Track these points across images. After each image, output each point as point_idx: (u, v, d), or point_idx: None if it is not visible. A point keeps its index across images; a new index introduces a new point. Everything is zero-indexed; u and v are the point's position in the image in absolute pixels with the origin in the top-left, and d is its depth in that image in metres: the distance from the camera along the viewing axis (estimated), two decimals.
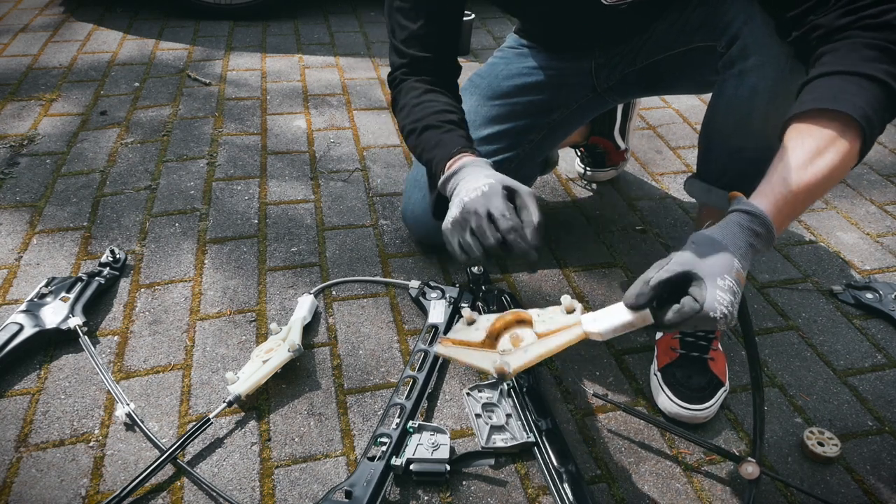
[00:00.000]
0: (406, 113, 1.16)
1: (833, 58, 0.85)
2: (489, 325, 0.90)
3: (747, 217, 0.80)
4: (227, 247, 1.46)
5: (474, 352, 0.88)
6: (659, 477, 1.04)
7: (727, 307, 0.73)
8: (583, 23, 1.25)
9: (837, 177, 0.83)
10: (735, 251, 0.77)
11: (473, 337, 0.90)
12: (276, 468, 1.02)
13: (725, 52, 1.08)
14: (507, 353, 0.84)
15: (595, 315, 0.80)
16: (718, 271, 0.75)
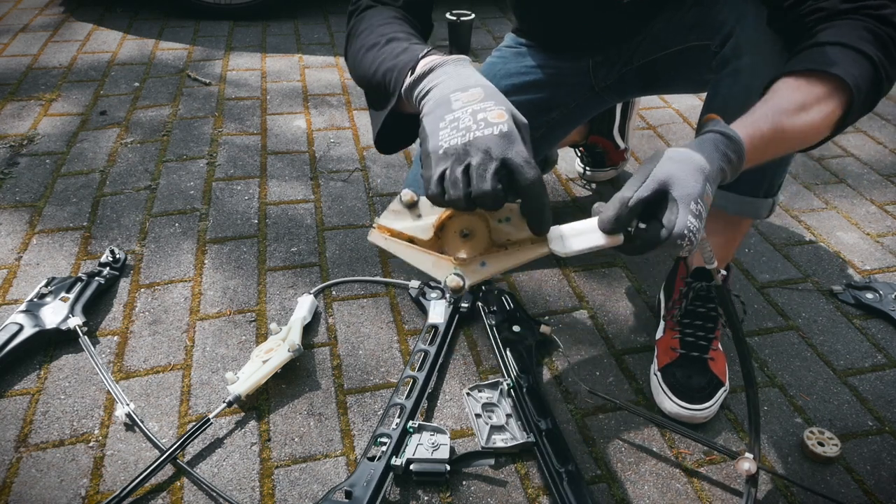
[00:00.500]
0: (366, 35, 0.93)
1: (831, 31, 0.87)
2: (435, 216, 0.74)
3: (724, 140, 0.75)
4: (227, 247, 1.46)
5: (421, 253, 0.73)
6: (659, 477, 1.04)
7: (694, 233, 0.70)
8: (580, 22, 1.25)
9: (812, 136, 0.83)
10: (709, 174, 0.72)
11: (419, 231, 0.73)
12: (276, 468, 1.02)
13: (719, 52, 1.08)
14: (462, 262, 0.72)
15: (562, 230, 0.71)
16: (692, 194, 0.70)
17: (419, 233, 0.73)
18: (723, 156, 0.75)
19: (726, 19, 1.07)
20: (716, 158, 0.74)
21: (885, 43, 0.85)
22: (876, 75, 0.84)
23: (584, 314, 1.34)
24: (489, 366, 1.21)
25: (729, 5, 1.07)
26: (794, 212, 1.68)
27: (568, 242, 0.70)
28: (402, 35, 0.90)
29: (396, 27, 0.92)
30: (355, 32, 0.97)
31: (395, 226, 0.74)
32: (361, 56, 0.92)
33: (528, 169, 0.72)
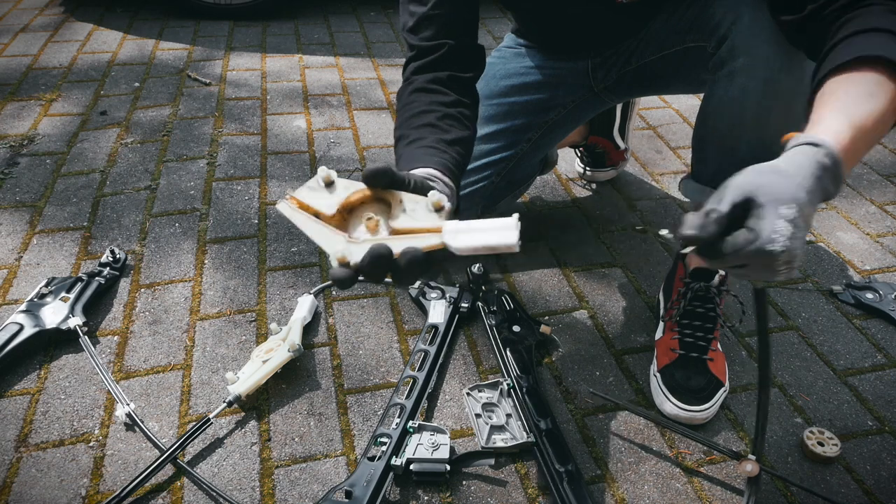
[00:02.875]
0: (396, 119, 1.05)
1: (862, 20, 0.79)
2: (347, 194, 0.74)
3: (811, 147, 0.66)
4: (227, 247, 1.46)
5: (321, 226, 0.72)
6: (659, 477, 1.04)
7: (789, 239, 0.61)
8: (577, 24, 1.25)
9: (890, 121, 0.73)
10: (802, 181, 0.64)
11: (325, 206, 0.74)
12: (276, 468, 1.02)
13: (715, 53, 1.08)
14: (356, 241, 0.71)
15: (458, 226, 0.69)
16: (782, 198, 0.62)
17: (325, 208, 0.73)
18: (815, 164, 0.66)
19: (722, 21, 1.07)
20: (806, 167, 0.65)
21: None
22: None
23: (584, 314, 1.34)
24: (489, 366, 1.21)
25: (725, 7, 1.07)
26: None
27: (462, 238, 0.68)
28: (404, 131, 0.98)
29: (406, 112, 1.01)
30: (397, 109, 1.05)
31: (306, 199, 0.74)
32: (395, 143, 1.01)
33: None
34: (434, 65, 1.05)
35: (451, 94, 1.03)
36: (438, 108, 1.01)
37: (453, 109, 1.02)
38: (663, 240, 0.68)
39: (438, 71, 1.05)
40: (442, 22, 1.05)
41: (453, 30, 1.06)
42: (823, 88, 0.75)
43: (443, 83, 1.04)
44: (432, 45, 1.05)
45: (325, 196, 0.75)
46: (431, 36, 1.05)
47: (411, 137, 0.96)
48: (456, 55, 1.06)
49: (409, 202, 0.73)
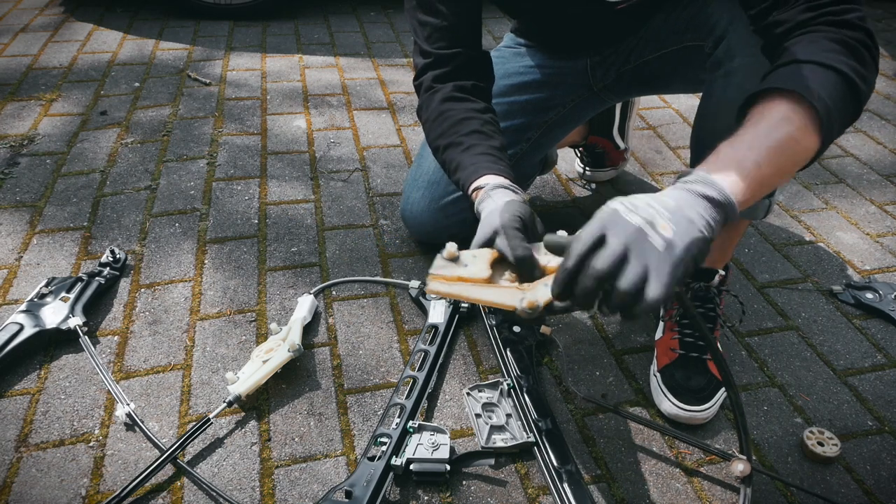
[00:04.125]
0: (428, 128, 1.11)
1: (796, 49, 0.83)
2: (487, 258, 0.80)
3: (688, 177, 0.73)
4: (227, 247, 1.46)
5: (486, 288, 0.77)
6: (659, 477, 1.04)
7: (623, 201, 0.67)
8: (578, 23, 1.25)
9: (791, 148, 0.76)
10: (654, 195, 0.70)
11: (475, 273, 0.78)
12: (276, 468, 1.02)
13: (712, 53, 1.08)
14: (525, 287, 0.76)
15: None
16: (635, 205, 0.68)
17: (477, 273, 0.78)
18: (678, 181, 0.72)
19: (719, 21, 1.07)
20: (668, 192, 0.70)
21: (853, 49, 0.81)
22: (848, 83, 0.79)
23: (584, 314, 1.34)
24: (489, 366, 1.21)
25: (722, 7, 1.07)
26: (793, 212, 1.68)
27: None
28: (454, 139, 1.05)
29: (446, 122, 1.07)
30: (421, 120, 1.13)
31: (453, 273, 0.79)
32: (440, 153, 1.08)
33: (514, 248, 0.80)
34: (455, 74, 1.11)
35: (479, 101, 1.10)
36: (477, 115, 1.07)
37: (487, 115, 1.09)
38: None
39: (461, 80, 1.10)
40: (456, 32, 1.10)
41: (466, 40, 1.12)
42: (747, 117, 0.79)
43: (469, 91, 1.10)
44: (451, 54, 1.10)
45: (462, 267, 0.80)
46: (447, 45, 1.10)
47: (465, 144, 1.03)
48: (472, 64, 1.13)
49: (535, 248, 0.80)
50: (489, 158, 1.01)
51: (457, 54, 1.11)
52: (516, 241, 0.78)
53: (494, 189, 0.94)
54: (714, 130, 1.12)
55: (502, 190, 0.94)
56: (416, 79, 1.15)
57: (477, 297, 0.77)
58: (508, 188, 0.94)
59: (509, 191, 0.94)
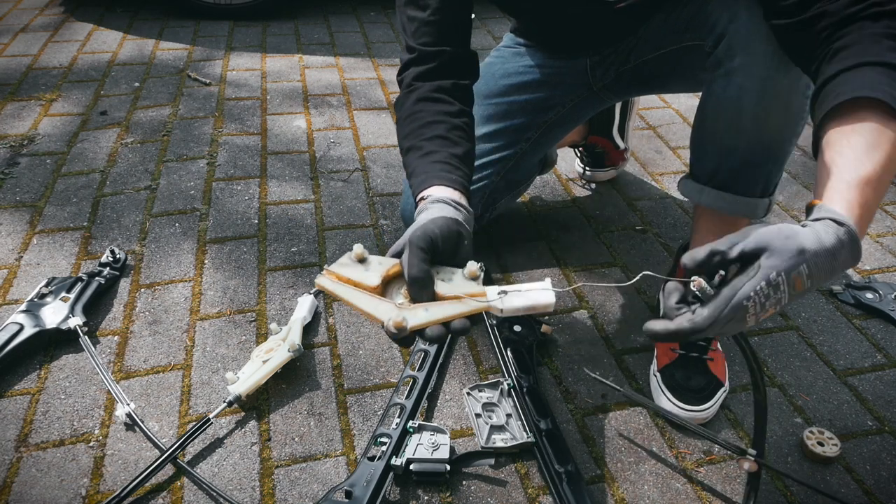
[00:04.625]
0: (399, 127, 1.09)
1: (855, 49, 0.80)
2: (385, 269, 0.79)
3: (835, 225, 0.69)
4: (227, 247, 1.46)
5: (366, 296, 0.77)
6: (659, 477, 1.04)
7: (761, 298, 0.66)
8: (578, 23, 1.25)
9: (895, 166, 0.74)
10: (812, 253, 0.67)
11: (366, 279, 0.78)
12: (276, 468, 1.02)
13: (712, 52, 1.08)
14: (405, 307, 0.76)
15: (500, 289, 0.76)
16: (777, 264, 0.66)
17: (368, 280, 0.78)
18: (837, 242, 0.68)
19: (719, 19, 1.07)
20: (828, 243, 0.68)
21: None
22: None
23: (584, 314, 1.34)
24: (489, 366, 1.21)
25: (722, 5, 1.07)
26: (793, 212, 1.68)
27: (507, 301, 0.75)
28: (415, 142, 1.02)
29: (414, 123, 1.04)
30: (401, 118, 1.08)
31: (345, 273, 0.79)
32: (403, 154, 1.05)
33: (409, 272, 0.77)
34: (436, 72, 1.08)
35: (455, 103, 1.06)
36: (446, 119, 1.04)
37: (458, 120, 1.05)
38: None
39: (441, 79, 1.08)
40: (441, 28, 1.08)
41: (452, 36, 1.09)
42: (827, 137, 0.76)
43: (447, 91, 1.07)
44: (434, 52, 1.08)
45: (361, 270, 0.79)
46: (432, 42, 1.08)
47: (425, 150, 1.00)
48: (455, 62, 1.09)
49: (444, 273, 0.79)
50: (444, 168, 0.97)
51: (441, 52, 1.08)
52: (415, 260, 0.76)
53: (434, 203, 0.90)
54: (714, 130, 1.12)
55: (441, 204, 0.90)
56: (399, 74, 1.13)
57: (353, 303, 0.77)
58: (449, 203, 0.90)
59: (448, 206, 0.89)
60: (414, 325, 0.73)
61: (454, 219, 0.86)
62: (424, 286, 0.76)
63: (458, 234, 0.84)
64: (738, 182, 1.13)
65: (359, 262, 0.80)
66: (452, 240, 0.83)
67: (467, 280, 0.78)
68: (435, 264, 0.80)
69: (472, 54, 1.14)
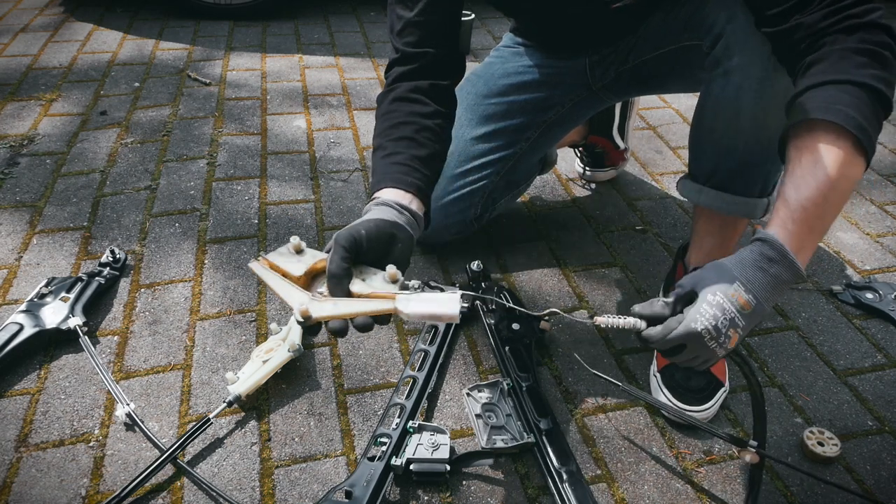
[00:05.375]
0: (375, 125, 1.10)
1: (824, 66, 0.84)
2: (313, 261, 0.85)
3: (758, 243, 0.80)
4: (227, 247, 1.46)
5: (287, 284, 0.82)
6: (659, 477, 1.04)
7: (710, 321, 0.76)
8: (575, 22, 1.25)
9: (844, 185, 0.81)
10: (739, 274, 0.78)
11: (292, 269, 0.83)
12: (276, 468, 1.02)
13: (710, 52, 1.08)
14: (318, 299, 0.81)
15: (409, 298, 0.80)
16: (712, 288, 0.78)
17: (293, 271, 0.83)
18: (759, 256, 0.79)
19: (717, 19, 1.07)
20: (749, 261, 0.79)
21: (878, 56, 0.82)
22: (878, 96, 0.81)
23: (584, 314, 1.34)
24: (489, 366, 1.21)
25: (720, 5, 1.07)
26: None
27: (412, 305, 0.78)
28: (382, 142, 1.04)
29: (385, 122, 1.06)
30: (377, 116, 1.10)
31: (277, 262, 0.84)
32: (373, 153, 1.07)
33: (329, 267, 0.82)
34: (417, 73, 1.09)
35: (430, 104, 1.08)
36: (417, 121, 1.05)
37: (430, 121, 1.06)
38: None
39: (420, 79, 1.09)
40: (426, 28, 1.09)
41: (436, 37, 1.10)
42: (787, 152, 0.85)
43: (423, 92, 1.08)
44: (416, 53, 1.09)
45: (295, 261, 0.84)
46: (416, 42, 1.09)
47: (388, 150, 1.02)
48: (438, 63, 1.11)
49: (367, 273, 0.84)
50: (402, 170, 0.99)
51: (424, 53, 1.09)
52: (335, 257, 0.81)
53: (378, 205, 0.93)
54: (713, 129, 1.12)
55: (383, 207, 0.93)
56: (385, 72, 1.15)
57: (273, 288, 0.82)
58: (392, 206, 0.93)
59: (390, 209, 0.92)
60: (319, 316, 0.78)
61: (390, 221, 0.89)
62: (339, 282, 0.80)
63: (391, 237, 0.87)
64: (737, 182, 1.13)
65: (296, 252, 0.85)
66: (382, 241, 0.86)
67: (387, 283, 0.83)
68: (361, 264, 0.85)
69: (458, 55, 1.15)
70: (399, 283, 0.83)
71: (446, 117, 1.11)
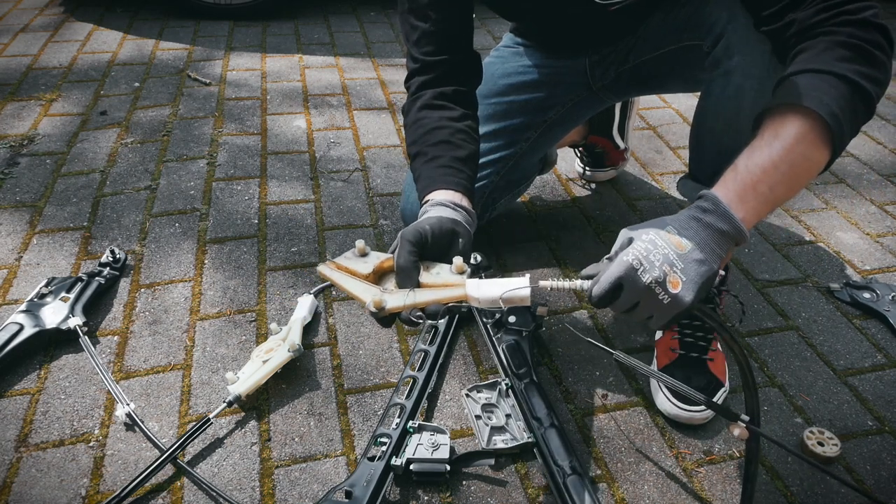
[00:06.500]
0: (406, 134, 1.15)
1: (808, 55, 0.85)
2: (379, 261, 0.89)
3: (697, 200, 0.82)
4: (227, 247, 1.46)
5: (357, 282, 0.86)
6: (659, 477, 1.04)
7: (641, 252, 0.76)
8: (575, 22, 1.25)
9: (800, 161, 0.81)
10: (672, 221, 0.80)
11: (361, 268, 0.88)
12: (276, 468, 1.02)
13: (711, 51, 1.08)
14: (389, 292, 0.85)
15: (479, 283, 0.82)
16: (645, 230, 0.79)
17: (361, 269, 0.88)
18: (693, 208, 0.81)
19: (718, 19, 1.07)
20: (684, 212, 0.81)
21: (864, 52, 0.82)
22: (858, 90, 0.81)
23: (584, 314, 1.34)
24: (489, 365, 1.21)
25: (720, 5, 1.07)
26: (793, 212, 1.68)
27: (482, 290, 0.81)
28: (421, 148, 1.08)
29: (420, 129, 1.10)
30: (406, 125, 1.15)
31: (344, 263, 0.89)
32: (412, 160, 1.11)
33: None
34: (439, 80, 1.13)
35: (457, 108, 1.12)
36: (449, 125, 1.10)
37: (461, 124, 1.11)
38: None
39: (443, 86, 1.13)
40: (443, 37, 1.12)
41: (454, 44, 1.14)
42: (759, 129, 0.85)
43: (448, 98, 1.13)
44: (436, 61, 1.13)
45: (361, 262, 0.89)
46: (434, 51, 1.13)
47: (429, 155, 1.06)
48: (458, 69, 1.15)
49: (433, 267, 0.87)
50: (447, 171, 1.04)
51: (443, 61, 1.13)
52: (403, 252, 0.84)
53: (434, 206, 0.97)
54: (713, 130, 1.12)
55: (439, 207, 0.97)
56: (406, 81, 1.19)
57: (343, 286, 0.86)
58: (447, 205, 0.97)
59: (446, 207, 0.97)
60: (392, 307, 0.82)
61: (449, 218, 0.92)
62: (409, 274, 0.84)
63: (452, 232, 0.91)
64: None
65: (361, 256, 0.89)
66: (445, 237, 0.90)
67: (454, 274, 0.85)
68: (426, 259, 0.88)
69: (475, 57, 1.18)
70: (466, 274, 0.85)
71: (474, 118, 1.15)
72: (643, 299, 0.78)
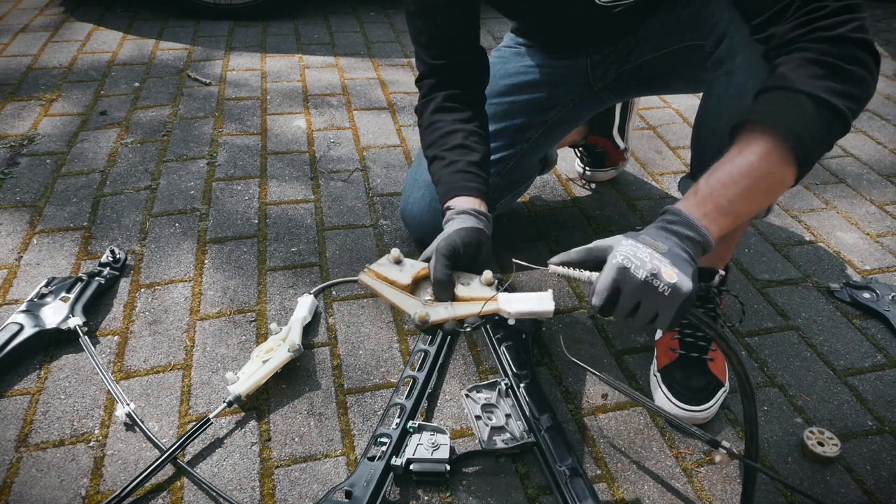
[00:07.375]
0: (421, 136, 1.20)
1: (782, 71, 0.86)
2: (416, 270, 0.94)
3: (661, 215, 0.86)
4: (227, 247, 1.47)
5: (398, 293, 0.93)
6: (659, 477, 1.04)
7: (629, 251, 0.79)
8: (576, 22, 1.25)
9: (762, 179, 0.84)
10: (643, 232, 0.84)
11: (399, 277, 0.93)
12: (276, 468, 1.02)
13: (713, 52, 1.08)
14: (430, 304, 0.92)
15: (510, 297, 0.88)
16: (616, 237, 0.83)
17: (401, 279, 0.93)
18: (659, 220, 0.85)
19: (720, 19, 1.07)
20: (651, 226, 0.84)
21: (836, 69, 0.83)
22: (827, 110, 0.82)
23: (584, 314, 1.34)
24: (489, 365, 1.21)
25: (723, 6, 1.07)
26: (793, 212, 1.68)
27: (513, 304, 0.87)
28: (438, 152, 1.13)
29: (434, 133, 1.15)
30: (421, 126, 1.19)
31: (383, 272, 0.94)
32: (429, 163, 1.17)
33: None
34: (448, 83, 1.17)
35: (468, 109, 1.16)
36: (462, 127, 1.14)
37: (472, 125, 1.15)
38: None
39: (453, 88, 1.17)
40: (451, 39, 1.15)
41: (461, 45, 1.17)
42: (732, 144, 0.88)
43: (458, 100, 1.17)
44: (444, 64, 1.16)
45: (396, 270, 0.95)
46: (442, 54, 1.16)
47: (447, 160, 1.11)
48: (466, 69, 1.18)
49: (464, 277, 0.94)
50: (465, 177, 1.09)
51: (451, 63, 1.16)
52: (439, 266, 0.91)
53: (458, 214, 1.03)
54: (715, 130, 1.12)
55: (464, 216, 1.02)
56: (416, 82, 1.22)
57: (386, 297, 0.93)
58: (471, 213, 1.02)
59: (470, 216, 1.02)
60: (435, 320, 0.89)
61: (476, 228, 0.99)
62: (446, 288, 0.91)
63: (478, 243, 0.98)
64: None
65: (395, 263, 0.96)
66: (473, 248, 0.97)
67: (483, 286, 0.93)
68: (457, 270, 0.94)
69: (482, 56, 1.21)
70: (494, 286, 0.93)
71: (484, 117, 1.19)
72: (643, 296, 0.78)
